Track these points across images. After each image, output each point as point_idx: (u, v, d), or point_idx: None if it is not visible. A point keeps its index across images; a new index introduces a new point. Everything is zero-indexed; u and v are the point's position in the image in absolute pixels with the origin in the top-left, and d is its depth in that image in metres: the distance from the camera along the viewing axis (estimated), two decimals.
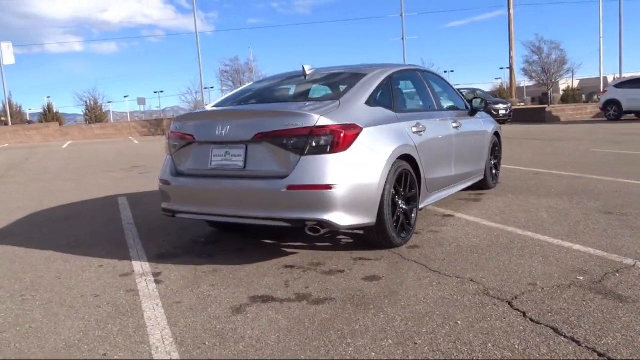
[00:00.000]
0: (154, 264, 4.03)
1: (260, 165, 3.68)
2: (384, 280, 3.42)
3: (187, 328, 2.82)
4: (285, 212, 3.55)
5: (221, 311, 3.03)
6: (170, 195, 4.12)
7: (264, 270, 3.74)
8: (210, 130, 3.87)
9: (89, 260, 4.20)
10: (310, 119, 3.55)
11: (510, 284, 3.25)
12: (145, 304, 3.20)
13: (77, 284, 3.65)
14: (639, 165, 8.13)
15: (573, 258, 3.69)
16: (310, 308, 3.01)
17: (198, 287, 3.46)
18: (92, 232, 5.25)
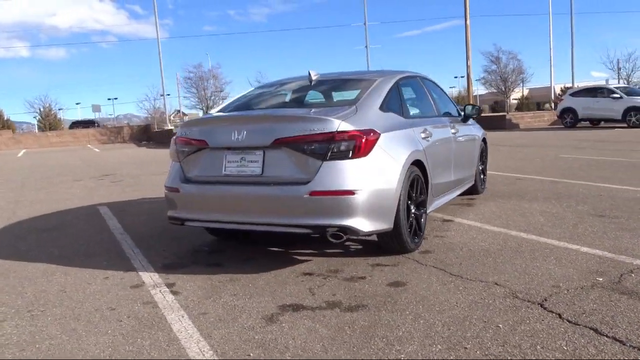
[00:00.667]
0: (163, 274, 3.88)
1: (279, 171, 3.61)
2: (410, 286, 3.40)
3: (224, 340, 2.72)
4: (307, 219, 3.49)
5: (254, 321, 2.94)
6: (180, 203, 3.99)
7: (283, 278, 3.66)
8: (225, 135, 3.77)
9: (92, 272, 4.02)
10: (332, 124, 3.51)
11: (534, 286, 3.29)
12: (169, 317, 3.07)
13: (86, 297, 3.48)
14: (609, 170, 8.44)
15: (585, 260, 3.77)
16: (345, 316, 2.96)
17: (220, 297, 3.35)
18: (83, 243, 5.03)
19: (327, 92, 4.65)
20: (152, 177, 10.79)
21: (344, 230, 3.49)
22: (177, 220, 4.06)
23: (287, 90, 4.78)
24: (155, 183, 9.60)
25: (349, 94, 4.26)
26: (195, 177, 3.94)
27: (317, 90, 4.67)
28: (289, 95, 4.69)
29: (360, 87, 4.27)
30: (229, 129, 3.77)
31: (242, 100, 4.72)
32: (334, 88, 4.68)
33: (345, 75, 4.77)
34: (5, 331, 2.99)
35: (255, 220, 3.69)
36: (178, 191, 3.96)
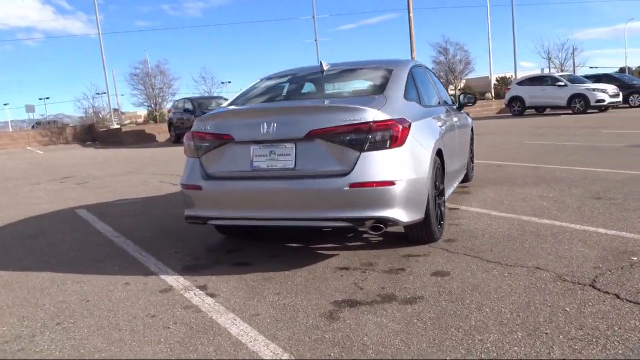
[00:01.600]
0: (188, 277, 3.68)
1: (314, 164, 3.48)
2: (455, 275, 3.37)
3: (293, 341, 2.59)
4: (347, 212, 3.39)
5: (314, 320, 2.82)
6: (202, 201, 3.79)
7: (320, 274, 3.55)
8: (252, 129, 3.61)
9: (108, 279, 3.76)
10: (369, 114, 3.42)
11: (576, 269, 3.33)
12: (220, 320, 2.91)
13: (115, 305, 3.24)
14: (579, 154, 8.78)
15: (609, 241, 3.86)
16: (406, 308, 2.89)
17: (263, 297, 3.21)
18: (79, 249, 4.72)
19: (345, 81, 4.55)
20: (118, 177, 10.34)
21: (384, 221, 3.41)
22: (198, 220, 3.86)
23: (302, 81, 4.64)
24: (124, 184, 9.22)
25: (370, 84, 4.18)
26: (218, 173, 3.75)
27: (335, 80, 4.56)
28: (307, 86, 4.56)
29: (379, 76, 4.20)
30: (256, 121, 3.60)
31: (254, 92, 4.55)
32: (351, 77, 4.58)
33: (356, 65, 4.69)
34: (41, 347, 2.75)
35: (289, 216, 3.55)
36: (200, 189, 3.75)
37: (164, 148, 18.33)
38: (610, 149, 9.34)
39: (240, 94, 4.51)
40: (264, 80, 4.82)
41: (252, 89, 4.65)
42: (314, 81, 4.61)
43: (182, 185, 3.91)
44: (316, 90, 4.55)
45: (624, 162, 7.60)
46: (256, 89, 4.63)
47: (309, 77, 4.63)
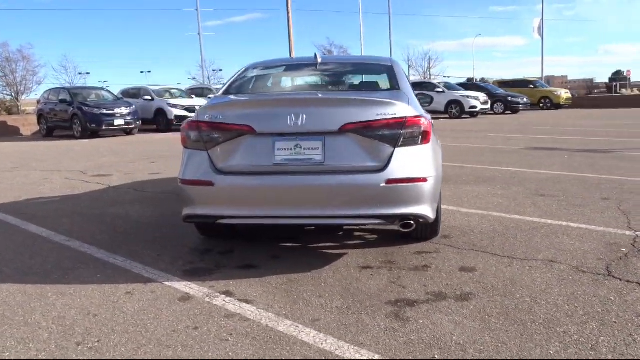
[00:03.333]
0: (200, 282, 3.34)
1: (345, 159, 3.33)
2: (481, 269, 3.43)
3: (384, 346, 2.46)
4: (381, 209, 3.29)
5: (385, 322, 2.70)
6: (214, 198, 3.44)
7: (348, 274, 3.41)
8: (278, 120, 3.35)
9: (99, 289, 3.28)
10: (403, 109, 3.36)
11: (583, 260, 3.56)
12: (281, 328, 2.66)
13: (137, 319, 2.83)
14: (487, 156, 9.47)
15: (600, 236, 4.13)
16: (468, 305, 2.88)
17: (307, 300, 3.01)
18: (30, 255, 4.05)
19: (352, 75, 4.41)
20: (4, 174, 9.07)
21: (416, 218, 3.37)
22: (207, 219, 3.51)
23: (304, 72, 4.41)
24: (19, 181, 8.12)
25: (379, 78, 4.10)
26: (232, 167, 3.42)
27: (342, 73, 4.40)
28: (315, 79, 4.35)
29: (382, 70, 4.15)
30: (282, 112, 3.35)
31: (252, 82, 4.24)
32: (356, 71, 4.46)
33: (351, 59, 4.60)
34: None
35: (316, 214, 3.35)
36: (211, 184, 3.40)
37: (37, 142, 16.46)
38: (511, 151, 10.20)
39: (232, 83, 4.16)
40: (257, 69, 4.51)
41: (245, 78, 4.33)
42: (318, 73, 4.42)
43: (184, 181, 3.51)
44: (328, 82, 4.37)
45: (533, 163, 8.35)
46: (252, 78, 4.32)
47: (310, 69, 4.42)
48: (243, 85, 4.19)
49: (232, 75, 4.31)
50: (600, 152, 9.55)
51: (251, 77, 4.37)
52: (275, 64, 4.61)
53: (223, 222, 3.48)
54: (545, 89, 29.82)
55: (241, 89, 4.13)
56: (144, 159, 10.46)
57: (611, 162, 8.24)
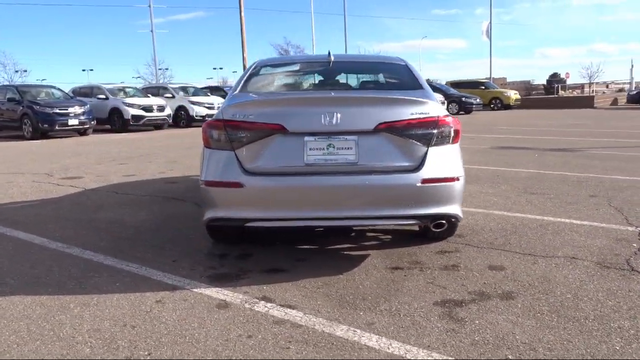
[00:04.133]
0: (231, 288, 3.21)
1: (379, 158, 3.28)
2: (511, 268, 3.47)
3: (453, 347, 2.43)
4: (416, 209, 3.27)
5: (442, 323, 2.68)
6: (242, 201, 3.31)
7: (380, 276, 3.37)
8: (311, 119, 3.26)
9: (125, 298, 3.10)
10: (436, 108, 3.35)
11: (602, 256, 3.66)
12: (339, 333, 2.59)
13: (181, 329, 2.68)
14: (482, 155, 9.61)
15: (606, 232, 4.25)
16: (516, 304, 2.90)
17: (353, 304, 2.94)
18: (31, 265, 3.80)
19: (371, 74, 4.35)
20: None
21: (449, 218, 3.36)
22: (235, 222, 3.38)
23: (319, 71, 4.31)
24: None
25: (399, 77, 4.06)
26: (261, 168, 3.31)
27: (361, 72, 4.34)
28: (333, 76, 4.26)
29: (401, 70, 4.12)
30: (316, 111, 3.26)
31: (266, 79, 4.11)
32: (373, 70, 4.40)
33: (363, 58, 4.55)
34: None
35: (349, 214, 3.29)
36: (239, 186, 3.27)
37: None
38: (482, 150, 10.45)
39: (246, 81, 4.00)
40: (270, 67, 4.38)
41: (260, 75, 4.20)
42: (337, 72, 4.34)
43: (209, 183, 3.37)
44: (349, 81, 4.30)
45: (509, 161, 8.57)
46: (268, 76, 4.20)
47: (325, 67, 4.32)
48: (260, 83, 4.06)
49: (244, 73, 4.16)
50: (567, 150, 9.91)
51: (266, 74, 4.25)
52: (287, 61, 4.51)
53: (251, 225, 3.36)
54: (495, 90, 30.82)
55: (259, 87, 4.01)
56: (110, 160, 10.05)
57: (582, 160, 8.56)
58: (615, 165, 7.87)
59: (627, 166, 7.81)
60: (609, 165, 7.87)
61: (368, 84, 4.18)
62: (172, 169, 8.65)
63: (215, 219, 3.40)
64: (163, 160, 9.87)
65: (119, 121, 18.31)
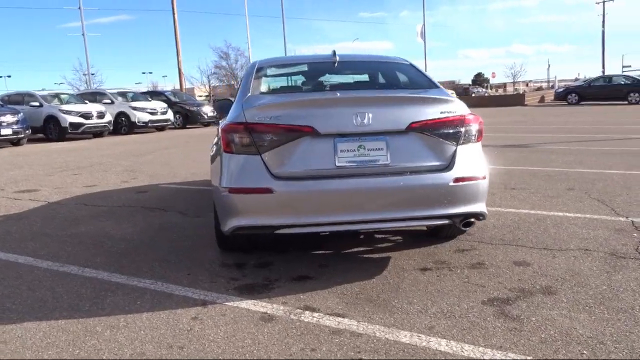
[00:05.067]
0: (267, 299, 3.06)
1: (411, 158, 3.23)
2: (535, 263, 3.52)
3: (528, 347, 2.42)
4: (449, 208, 3.25)
5: (500, 322, 2.67)
6: (272, 207, 3.16)
7: (413, 278, 3.33)
8: (342, 120, 3.16)
9: (156, 317, 2.89)
10: (461, 106, 3.35)
11: (611, 247, 3.79)
12: (406, 340, 2.52)
13: (241, 347, 2.53)
14: None
15: (601, 223, 4.40)
16: (560, 298, 2.94)
17: (398, 308, 2.89)
18: (28, 287, 3.47)
19: (383, 73, 4.27)
20: None
21: (477, 216, 3.37)
22: (264, 229, 3.22)
23: (330, 70, 4.19)
24: None
25: (412, 76, 4.03)
26: (289, 172, 3.17)
27: (362, 72, 4.28)
28: (346, 76, 4.17)
29: (410, 69, 4.11)
30: (347, 112, 3.17)
31: (275, 80, 3.98)
32: (382, 70, 4.33)
33: (366, 58, 4.49)
34: None
35: (382, 217, 3.22)
36: (269, 191, 3.12)
37: None
38: None
39: (254, 83, 3.83)
40: (275, 68, 4.22)
41: (268, 76, 4.05)
42: (342, 71, 4.24)
43: (234, 190, 3.20)
44: (364, 80, 4.22)
45: None
46: (277, 77, 4.06)
47: (332, 67, 4.22)
48: (271, 85, 3.93)
49: (249, 74, 3.98)
50: (523, 147, 10.31)
51: (274, 75, 4.11)
52: (291, 61, 4.38)
53: (281, 232, 3.22)
54: None
55: (272, 88, 3.86)
56: (60, 170, 9.46)
57: (540, 155, 8.93)
58: (573, 160, 8.26)
59: (584, 159, 8.21)
60: (568, 160, 8.24)
61: (385, 84, 4.11)
62: (134, 177, 8.26)
63: (242, 228, 3.23)
64: (119, 169, 9.40)
65: (56, 130, 17.32)
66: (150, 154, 11.79)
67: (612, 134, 12.24)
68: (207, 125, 23.34)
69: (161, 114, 20.35)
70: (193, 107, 22.60)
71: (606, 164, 7.66)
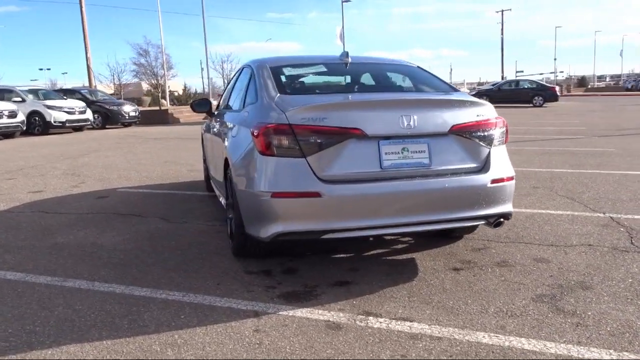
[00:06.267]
0: (320, 306, 2.98)
1: (448, 160, 3.28)
2: (553, 259, 3.70)
3: (608, 342, 2.53)
4: (486, 209, 3.33)
5: (563, 319, 2.77)
6: (320, 211, 3.08)
7: (451, 278, 3.38)
8: (388, 122, 3.14)
9: (215, 330, 2.72)
10: (493, 110, 3.45)
11: (611, 241, 4.07)
12: (487, 341, 2.55)
13: (341, 357, 2.44)
14: None
15: (586, 219, 4.70)
16: (599, 291, 3.10)
17: (456, 308, 2.92)
18: (36, 306, 3.15)
19: (402, 76, 4.26)
20: None
21: (507, 216, 3.49)
22: (311, 235, 3.13)
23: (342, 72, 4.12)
24: None
25: (428, 80, 4.06)
26: (336, 175, 3.11)
27: (380, 74, 4.25)
28: (367, 78, 4.11)
29: (421, 71, 4.17)
30: (393, 114, 3.16)
31: (298, 82, 3.86)
32: (400, 72, 4.32)
33: (375, 60, 4.49)
34: None
35: (423, 219, 3.23)
36: (317, 195, 3.04)
37: None
38: None
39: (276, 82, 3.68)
40: (291, 67, 4.09)
41: (288, 77, 3.92)
42: (358, 73, 4.20)
43: (278, 194, 3.08)
44: (388, 83, 4.18)
45: None
46: (296, 77, 3.95)
47: (345, 68, 4.15)
48: (295, 85, 3.82)
49: (262, 74, 3.81)
50: None
51: (294, 75, 4.01)
52: (302, 62, 4.27)
53: (328, 237, 3.14)
54: None
55: (298, 89, 3.76)
56: None
57: None
58: (517, 159, 8.73)
59: (530, 159, 8.73)
60: (518, 159, 8.69)
61: (413, 87, 4.09)
62: (82, 182, 7.71)
63: (286, 233, 3.11)
64: (58, 172, 8.75)
65: None
66: (85, 157, 11.05)
67: (537, 134, 13.13)
68: (127, 126, 22.27)
69: (79, 113, 19.12)
70: (113, 107, 21.43)
71: (551, 163, 8.21)
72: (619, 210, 5.03)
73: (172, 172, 8.40)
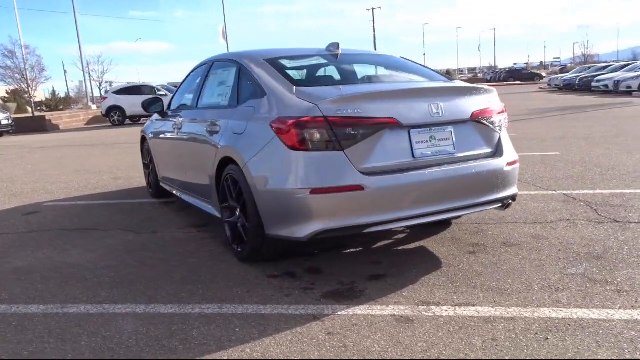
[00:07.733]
0: (374, 302, 2.92)
1: (469, 147, 3.36)
2: (552, 236, 3.95)
3: None
4: (503, 192, 3.47)
5: (614, 288, 2.98)
6: (362, 205, 2.99)
7: (475, 260, 3.48)
8: (418, 110, 3.14)
9: (289, 340, 2.57)
10: (496, 96, 3.60)
11: (579, 214, 4.44)
12: (555, 315, 2.67)
13: (441, 350, 2.41)
14: None
15: (549, 198, 5.11)
16: (618, 266, 3.31)
17: (504, 289, 3.02)
18: (59, 339, 2.76)
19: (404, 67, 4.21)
20: None
21: (515, 197, 3.66)
22: (355, 229, 3.04)
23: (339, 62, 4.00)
24: None
25: (422, 70, 4.11)
26: (374, 167, 3.04)
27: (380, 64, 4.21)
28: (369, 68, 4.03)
29: (411, 64, 4.22)
30: (422, 102, 3.17)
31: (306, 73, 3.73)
32: (388, 64, 4.29)
33: (363, 52, 4.48)
34: None
35: (449, 207, 3.26)
36: (360, 189, 2.97)
37: None
38: None
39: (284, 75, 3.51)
40: (288, 60, 3.90)
41: (292, 69, 3.75)
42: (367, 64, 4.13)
43: (318, 190, 2.95)
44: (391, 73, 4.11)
45: None
46: (300, 68, 3.80)
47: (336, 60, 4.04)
48: (307, 77, 3.69)
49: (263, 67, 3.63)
50: None
51: (297, 67, 3.87)
52: (295, 54, 4.11)
53: (369, 230, 3.08)
54: None
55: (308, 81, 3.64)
56: None
57: None
58: None
59: None
60: None
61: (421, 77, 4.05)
62: None
63: (328, 231, 2.99)
64: None
65: None
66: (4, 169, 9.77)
67: None
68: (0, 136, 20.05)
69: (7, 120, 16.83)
70: None
71: None
72: (564, 187, 5.48)
73: (94, 182, 7.70)
